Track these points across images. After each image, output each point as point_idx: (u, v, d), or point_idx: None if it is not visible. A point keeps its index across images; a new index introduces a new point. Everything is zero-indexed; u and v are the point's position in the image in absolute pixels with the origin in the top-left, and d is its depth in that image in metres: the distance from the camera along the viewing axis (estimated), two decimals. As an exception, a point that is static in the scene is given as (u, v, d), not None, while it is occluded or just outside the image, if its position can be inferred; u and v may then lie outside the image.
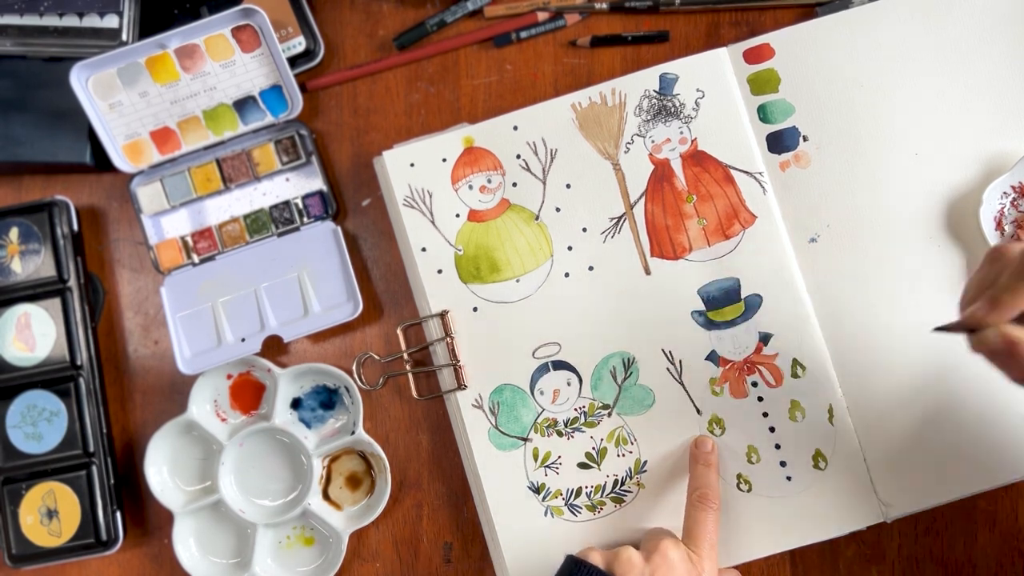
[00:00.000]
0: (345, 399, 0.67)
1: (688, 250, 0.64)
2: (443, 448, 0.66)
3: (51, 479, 0.66)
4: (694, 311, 0.63)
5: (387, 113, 0.69)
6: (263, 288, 0.67)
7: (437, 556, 0.66)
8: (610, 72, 0.68)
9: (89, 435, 0.66)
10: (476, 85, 0.69)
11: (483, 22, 0.69)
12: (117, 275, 0.70)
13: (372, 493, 0.66)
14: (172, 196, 0.69)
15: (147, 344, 0.70)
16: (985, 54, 0.63)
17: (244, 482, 0.67)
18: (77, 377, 0.67)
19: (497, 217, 0.65)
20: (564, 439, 0.63)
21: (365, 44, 0.70)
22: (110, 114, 0.67)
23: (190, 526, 0.67)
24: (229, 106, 0.68)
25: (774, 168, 0.64)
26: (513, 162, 0.66)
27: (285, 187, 0.69)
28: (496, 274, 0.65)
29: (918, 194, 0.62)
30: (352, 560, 0.66)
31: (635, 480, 0.63)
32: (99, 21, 0.67)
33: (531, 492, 0.63)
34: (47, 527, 0.66)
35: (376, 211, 0.69)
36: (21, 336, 0.68)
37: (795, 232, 0.63)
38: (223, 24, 0.66)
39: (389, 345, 0.68)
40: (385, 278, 0.68)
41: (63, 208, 0.69)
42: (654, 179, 0.64)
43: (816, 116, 0.64)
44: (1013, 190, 0.61)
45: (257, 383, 0.68)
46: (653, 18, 0.68)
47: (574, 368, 0.64)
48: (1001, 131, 0.62)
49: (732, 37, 0.67)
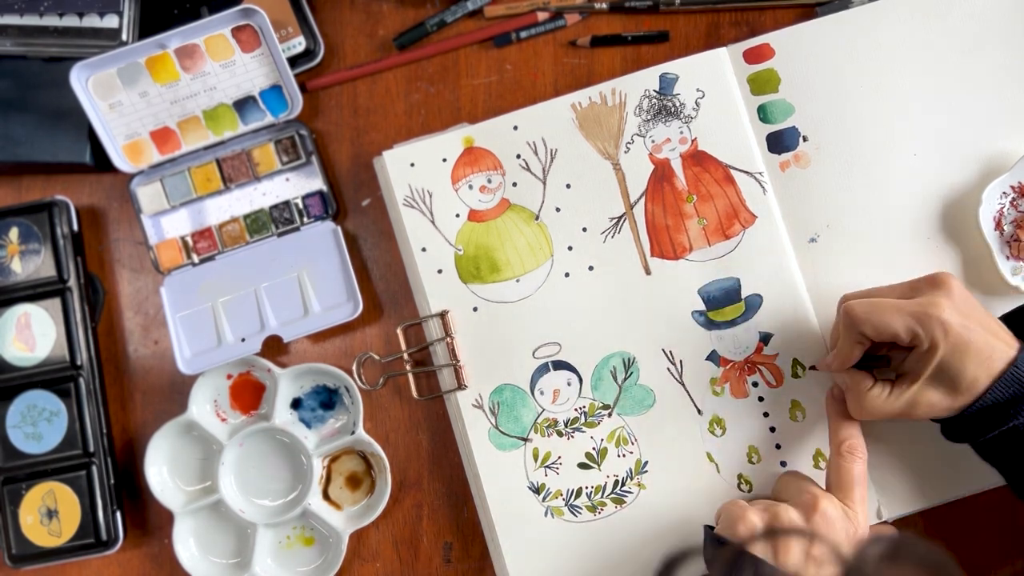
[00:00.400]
0: (345, 399, 0.67)
1: (688, 250, 0.64)
2: (443, 448, 0.66)
3: (51, 479, 0.66)
4: (694, 311, 0.63)
5: (387, 113, 0.69)
6: (263, 288, 0.67)
7: (437, 556, 0.66)
8: (610, 72, 0.68)
9: (89, 435, 0.66)
10: (476, 85, 0.69)
11: (483, 22, 0.69)
12: (117, 275, 0.70)
13: (372, 493, 0.66)
14: (172, 196, 0.69)
15: (147, 344, 0.70)
16: (985, 54, 0.63)
17: (244, 482, 0.67)
18: (77, 377, 0.67)
19: (497, 217, 0.65)
20: (564, 439, 0.63)
21: (365, 44, 0.70)
22: (110, 114, 0.67)
23: (190, 526, 0.67)
24: (229, 106, 0.68)
25: (774, 168, 0.64)
26: (513, 162, 0.66)
27: (285, 187, 0.69)
28: (496, 274, 0.65)
29: (918, 194, 0.62)
30: (352, 560, 0.66)
31: (636, 480, 0.63)
32: (99, 21, 0.67)
33: (531, 492, 0.63)
34: (47, 527, 0.66)
35: (376, 211, 0.69)
36: (21, 336, 0.68)
37: (795, 232, 0.63)
38: (223, 24, 0.66)
39: (389, 345, 0.68)
40: (385, 278, 0.68)
41: (63, 208, 0.69)
42: (654, 179, 0.64)
43: (816, 116, 0.64)
44: (1012, 190, 0.61)
45: (257, 383, 0.68)
46: (653, 18, 0.68)
47: (574, 368, 0.64)
48: (1001, 131, 0.62)
49: (732, 37, 0.67)
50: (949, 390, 0.52)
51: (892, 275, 0.57)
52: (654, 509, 0.62)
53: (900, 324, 0.52)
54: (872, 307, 0.53)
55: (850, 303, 0.55)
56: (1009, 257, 0.61)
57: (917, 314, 0.51)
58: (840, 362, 0.56)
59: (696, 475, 0.62)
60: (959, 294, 0.53)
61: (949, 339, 0.51)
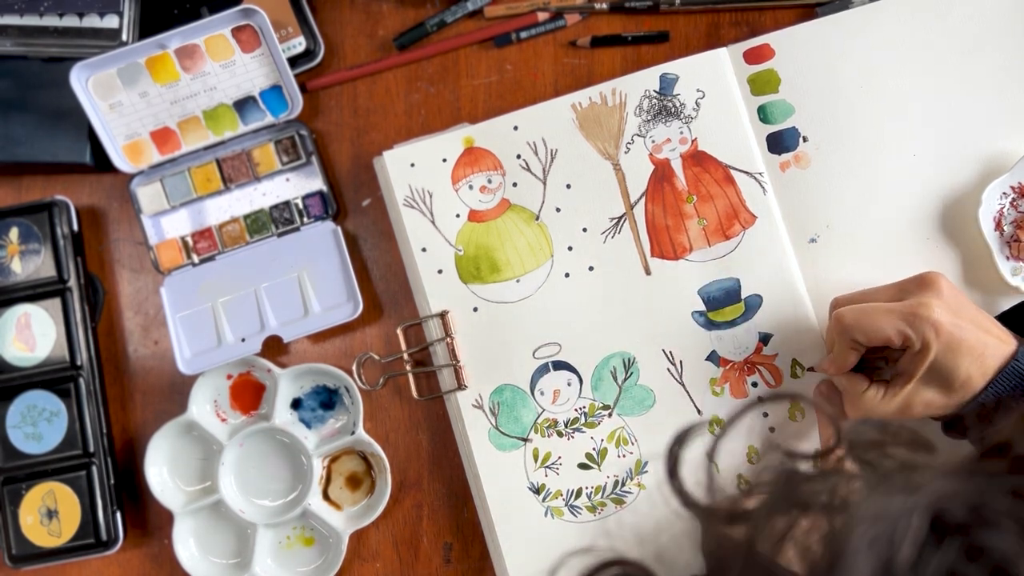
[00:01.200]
0: (345, 399, 0.67)
1: (688, 250, 0.64)
2: (443, 448, 0.66)
3: (51, 479, 0.66)
4: (694, 311, 0.63)
5: (387, 113, 0.69)
6: (263, 288, 0.67)
7: (437, 556, 0.66)
8: (610, 72, 0.68)
9: (89, 435, 0.66)
10: (476, 85, 0.69)
11: (483, 22, 0.69)
12: (117, 275, 0.70)
13: (372, 493, 0.66)
14: (172, 196, 0.69)
15: (147, 344, 0.70)
16: (985, 54, 0.63)
17: (244, 482, 0.67)
18: (77, 377, 0.67)
19: (497, 217, 0.65)
20: (564, 439, 0.63)
21: (365, 44, 0.70)
22: (110, 114, 0.67)
23: (190, 526, 0.67)
24: (229, 106, 0.68)
25: (774, 168, 0.64)
26: (513, 162, 0.66)
27: (285, 187, 0.69)
28: (496, 274, 0.65)
29: (917, 194, 0.62)
30: (352, 560, 0.66)
31: (636, 481, 0.63)
32: (99, 21, 0.67)
33: (531, 492, 0.63)
34: (47, 527, 0.66)
35: (376, 211, 0.69)
36: (21, 336, 0.68)
37: (795, 232, 0.63)
38: (223, 24, 0.66)
39: (389, 345, 0.68)
40: (385, 278, 0.68)
41: (63, 208, 0.69)
42: (654, 179, 0.64)
43: (816, 116, 0.64)
44: (1012, 190, 0.61)
45: (257, 383, 0.68)
46: (653, 18, 0.68)
47: (574, 368, 0.64)
48: (1001, 131, 0.62)
49: (732, 37, 0.67)
50: (943, 389, 0.52)
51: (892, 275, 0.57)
52: (655, 510, 0.62)
53: (890, 328, 0.52)
54: (861, 313, 0.53)
55: (839, 311, 0.55)
56: (1009, 257, 0.61)
57: (907, 316, 0.51)
58: (836, 368, 0.57)
59: (696, 475, 0.62)
60: (948, 293, 0.53)
61: (941, 339, 0.51)
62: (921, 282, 0.54)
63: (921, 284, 0.54)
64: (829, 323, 0.58)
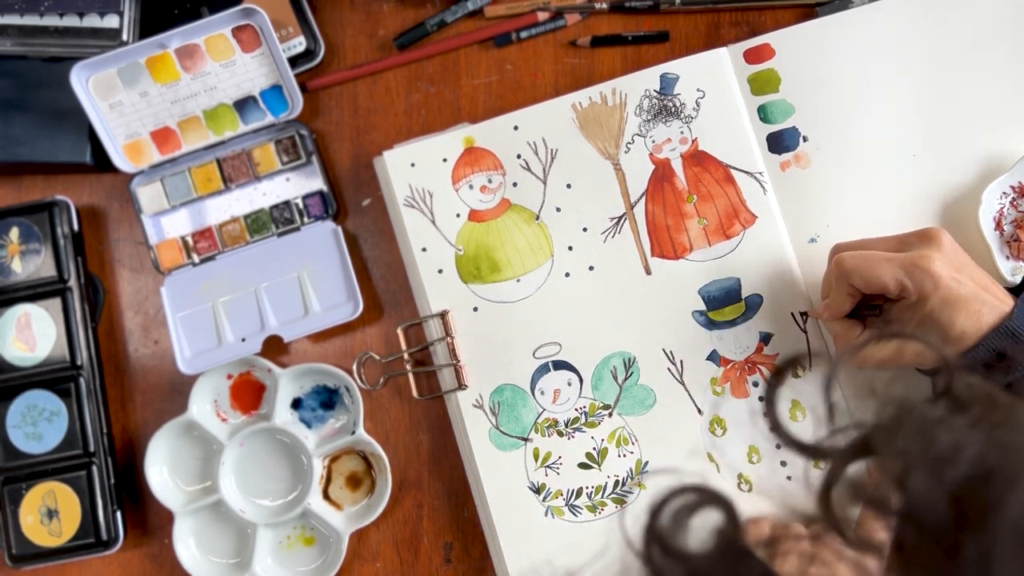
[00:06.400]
0: (345, 399, 0.67)
1: (689, 250, 0.64)
2: (443, 448, 0.66)
3: (51, 479, 0.66)
4: (695, 311, 0.63)
5: (387, 113, 0.69)
6: (263, 288, 0.67)
7: (437, 556, 0.66)
8: (610, 72, 0.68)
9: (89, 435, 0.66)
10: (476, 85, 0.69)
11: (483, 22, 0.69)
12: (117, 275, 0.70)
13: (372, 493, 0.66)
14: (172, 196, 0.69)
15: (147, 344, 0.70)
16: (985, 54, 0.63)
17: (244, 482, 0.67)
18: (77, 377, 0.67)
19: (497, 217, 0.65)
20: (565, 439, 0.63)
21: (365, 44, 0.70)
22: (110, 114, 0.67)
23: (190, 526, 0.67)
24: (229, 106, 0.68)
25: (774, 168, 0.64)
26: (513, 162, 0.66)
27: (285, 187, 0.69)
28: (496, 274, 0.65)
29: (917, 194, 0.63)
30: (352, 560, 0.66)
31: (636, 480, 0.63)
32: (99, 21, 0.67)
33: (531, 492, 0.63)
34: (47, 527, 0.66)
35: (376, 211, 0.69)
36: (21, 336, 0.68)
37: (795, 232, 0.63)
38: (223, 24, 0.66)
39: (389, 345, 0.68)
40: (385, 278, 0.68)
41: (63, 208, 0.69)
42: (654, 179, 0.64)
43: (816, 116, 0.64)
44: (1012, 190, 0.61)
45: (257, 383, 0.68)
46: (653, 18, 0.68)
47: (575, 368, 0.64)
48: (1001, 131, 0.62)
49: (732, 37, 0.67)
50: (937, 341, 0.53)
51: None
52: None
53: (889, 276, 0.52)
54: (862, 260, 0.54)
55: (841, 255, 0.55)
56: (1009, 257, 0.61)
57: (907, 266, 0.52)
58: (832, 312, 0.57)
59: (696, 475, 0.62)
60: (950, 248, 0.53)
61: (939, 292, 0.51)
62: (924, 235, 0.54)
63: (923, 237, 0.54)
64: (828, 267, 0.58)
